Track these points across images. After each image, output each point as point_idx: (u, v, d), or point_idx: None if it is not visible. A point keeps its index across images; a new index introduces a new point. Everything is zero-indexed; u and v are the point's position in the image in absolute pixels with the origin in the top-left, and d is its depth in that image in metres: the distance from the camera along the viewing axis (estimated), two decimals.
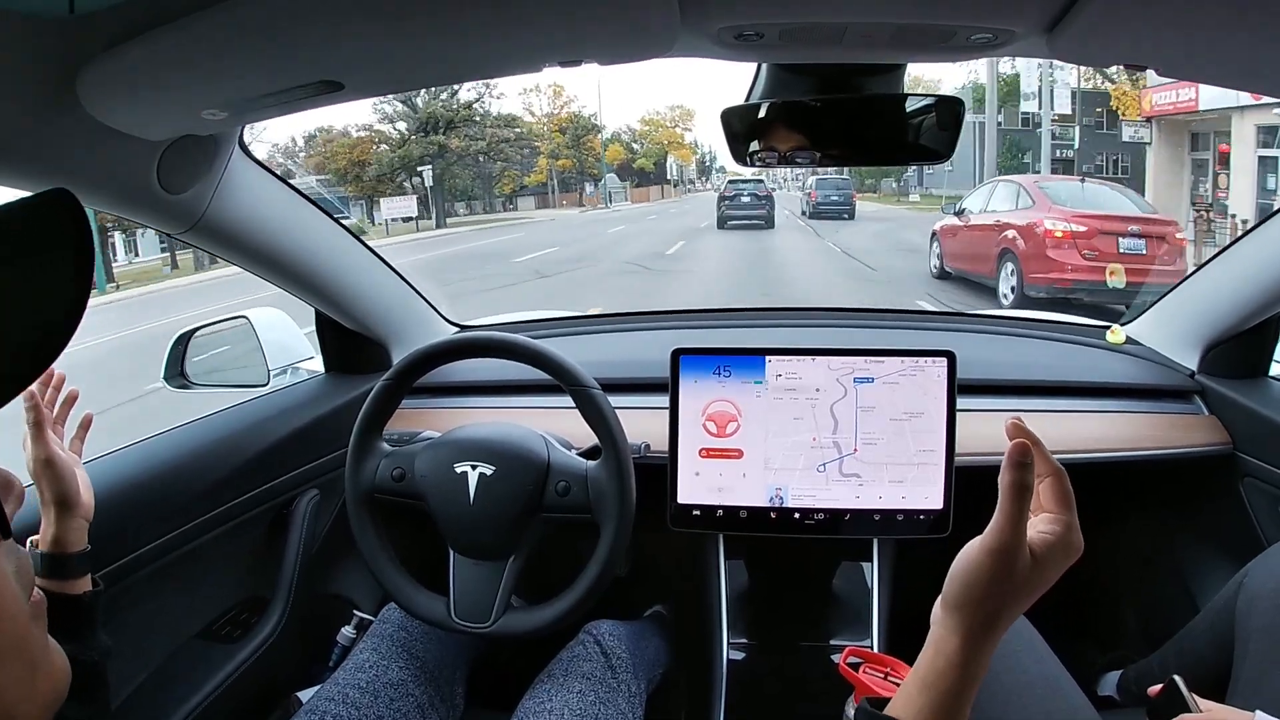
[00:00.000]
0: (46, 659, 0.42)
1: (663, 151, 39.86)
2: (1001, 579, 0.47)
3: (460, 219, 27.19)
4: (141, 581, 0.94)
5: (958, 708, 0.46)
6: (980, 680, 0.47)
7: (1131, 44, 0.65)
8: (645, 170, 38.71)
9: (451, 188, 27.88)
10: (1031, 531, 0.48)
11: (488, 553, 0.98)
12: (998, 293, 7.07)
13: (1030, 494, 0.48)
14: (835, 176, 19.44)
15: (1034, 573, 0.47)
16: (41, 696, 0.41)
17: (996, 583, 0.47)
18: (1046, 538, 0.48)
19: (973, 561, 0.48)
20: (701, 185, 59.44)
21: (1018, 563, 0.46)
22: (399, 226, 22.18)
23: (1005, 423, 0.51)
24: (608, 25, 0.62)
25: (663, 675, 1.20)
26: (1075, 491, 0.49)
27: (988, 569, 0.47)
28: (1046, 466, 0.50)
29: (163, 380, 1.30)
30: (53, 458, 0.73)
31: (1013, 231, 6.94)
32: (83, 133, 0.68)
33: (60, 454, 0.75)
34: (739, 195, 17.09)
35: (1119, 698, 1.19)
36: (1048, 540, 0.47)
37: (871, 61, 0.78)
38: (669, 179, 40.93)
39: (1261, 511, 1.17)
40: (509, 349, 1.00)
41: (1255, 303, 1.16)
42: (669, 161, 40.74)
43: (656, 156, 38.80)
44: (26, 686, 0.40)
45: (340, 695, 0.93)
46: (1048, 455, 0.50)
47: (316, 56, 0.62)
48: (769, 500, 1.01)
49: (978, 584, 0.47)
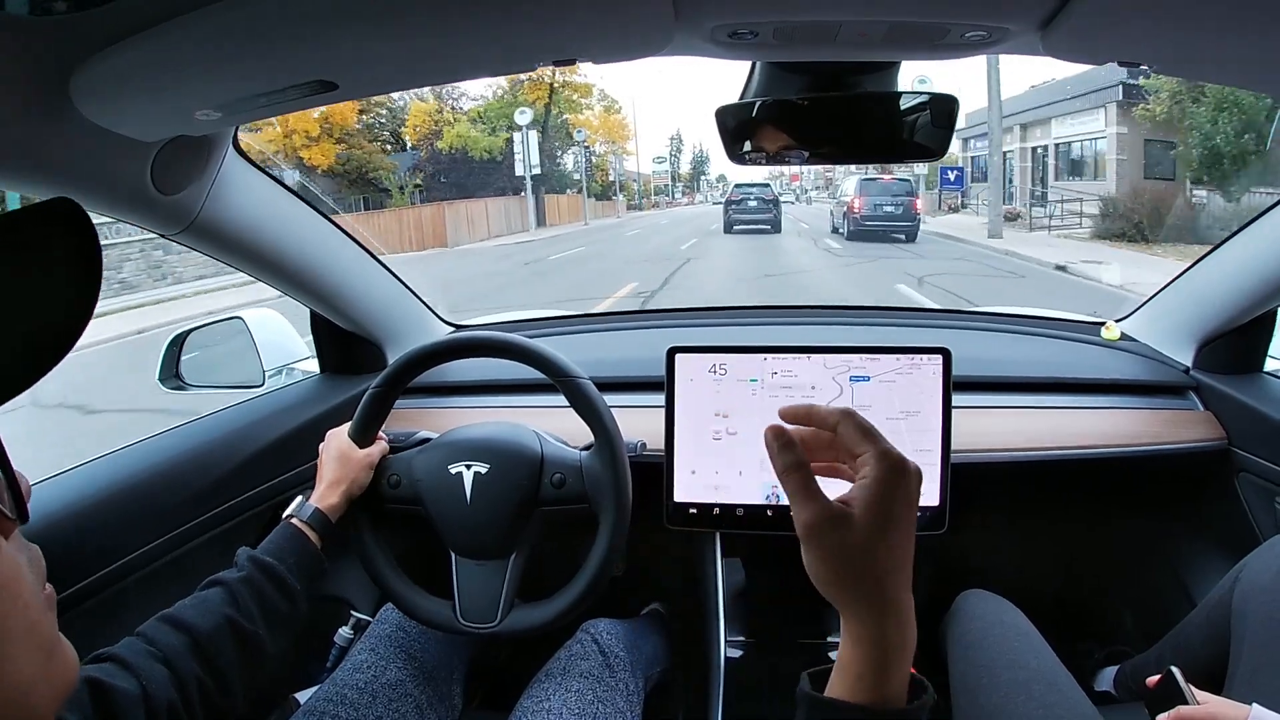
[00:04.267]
0: (60, 648, 0.43)
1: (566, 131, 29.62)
2: (828, 554, 0.45)
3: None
4: (138, 583, 0.93)
5: (877, 683, 0.44)
6: (905, 651, 0.45)
7: (1125, 41, 0.65)
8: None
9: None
10: (854, 486, 0.47)
11: (489, 552, 0.98)
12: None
13: (803, 468, 0.47)
14: (884, 178, 14.60)
15: (866, 523, 0.44)
16: (56, 680, 0.42)
17: (828, 560, 0.45)
18: (863, 483, 0.46)
19: (805, 559, 0.46)
20: (682, 198, 51.72)
21: (829, 533, 0.45)
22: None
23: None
24: (602, 24, 0.62)
25: (660, 674, 1.21)
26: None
27: (810, 555, 0.45)
28: (831, 417, 0.48)
29: (157, 382, 1.30)
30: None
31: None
32: (76, 134, 0.68)
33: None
34: (746, 200, 17.56)
35: (1116, 693, 1.19)
36: (864, 485, 0.45)
37: (866, 60, 0.78)
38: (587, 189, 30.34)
39: (1257, 506, 1.18)
40: (496, 347, 1.00)
41: (1249, 298, 1.16)
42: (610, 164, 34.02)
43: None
44: (42, 669, 0.41)
45: (338, 696, 0.93)
46: (824, 410, 0.49)
47: (310, 57, 0.62)
48: (765, 498, 1.01)
49: (816, 571, 0.46)
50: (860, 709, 0.44)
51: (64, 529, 0.85)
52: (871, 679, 0.44)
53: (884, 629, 0.45)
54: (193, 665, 0.71)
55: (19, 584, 0.41)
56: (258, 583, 0.81)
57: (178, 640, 0.71)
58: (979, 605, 1.08)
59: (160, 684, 0.67)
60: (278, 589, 0.82)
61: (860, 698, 0.44)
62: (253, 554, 0.84)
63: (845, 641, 0.46)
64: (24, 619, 0.40)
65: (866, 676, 0.44)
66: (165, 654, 0.69)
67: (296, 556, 0.86)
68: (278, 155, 19.84)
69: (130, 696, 0.63)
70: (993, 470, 1.19)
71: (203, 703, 0.70)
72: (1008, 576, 1.28)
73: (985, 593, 1.12)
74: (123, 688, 0.63)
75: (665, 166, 52.18)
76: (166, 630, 0.72)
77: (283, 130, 20.46)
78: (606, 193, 35.20)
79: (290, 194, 1.06)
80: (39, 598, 0.43)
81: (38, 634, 0.41)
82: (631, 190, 42.48)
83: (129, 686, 0.64)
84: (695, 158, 59.31)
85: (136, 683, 0.65)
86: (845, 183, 16.71)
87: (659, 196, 49.15)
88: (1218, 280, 1.22)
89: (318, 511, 0.92)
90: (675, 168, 56.14)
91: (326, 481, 0.95)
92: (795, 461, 0.47)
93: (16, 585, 0.40)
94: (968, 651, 1.00)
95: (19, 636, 0.40)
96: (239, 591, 0.79)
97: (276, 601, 0.82)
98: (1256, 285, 1.14)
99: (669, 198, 50.70)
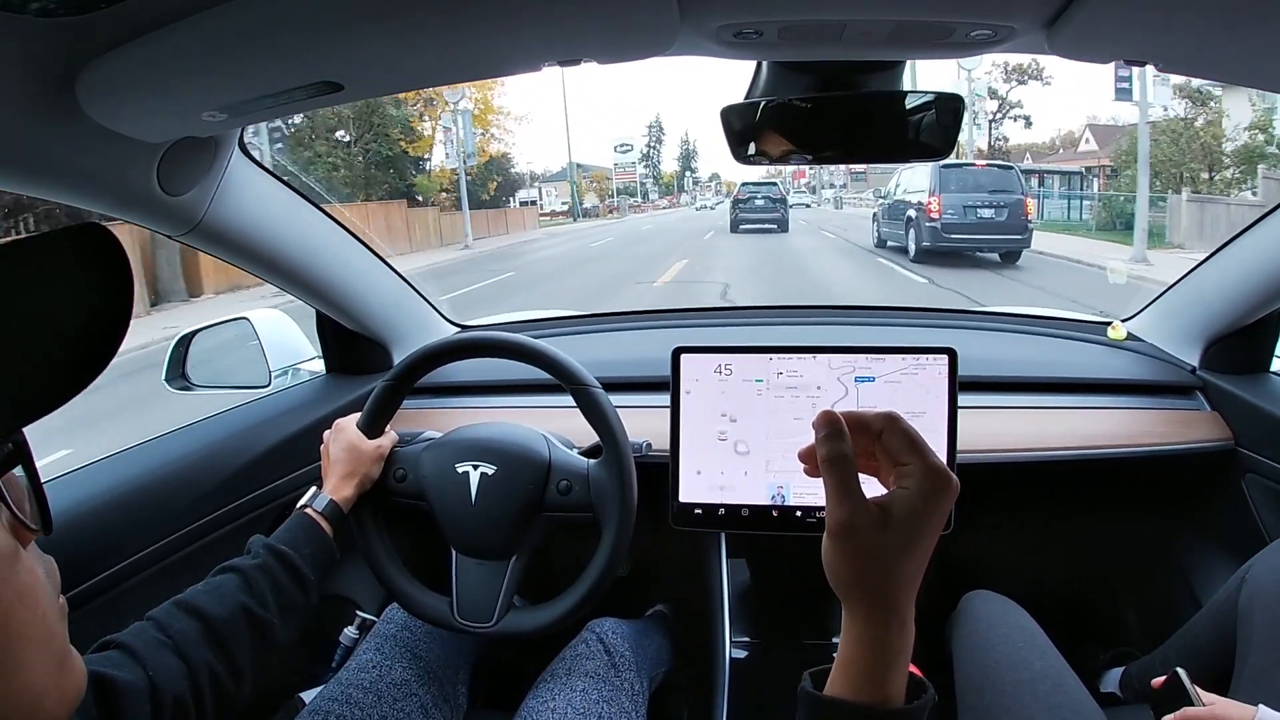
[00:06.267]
0: (70, 659, 0.44)
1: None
2: (856, 554, 0.45)
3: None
4: (145, 583, 0.94)
5: (879, 683, 0.44)
6: (905, 652, 0.45)
7: (1131, 40, 0.65)
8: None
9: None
10: (892, 489, 0.46)
11: (490, 553, 0.98)
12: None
13: (848, 463, 0.46)
14: (977, 164, 10.12)
15: (900, 530, 0.44)
16: (66, 690, 0.43)
17: (853, 559, 0.45)
18: (905, 492, 0.45)
19: (825, 550, 0.46)
20: (662, 200, 39.97)
21: (863, 533, 0.44)
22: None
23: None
24: (607, 24, 0.62)
25: (665, 674, 1.21)
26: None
27: (835, 551, 0.45)
28: (876, 422, 0.48)
29: (164, 382, 1.30)
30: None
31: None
32: (82, 136, 0.68)
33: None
34: (753, 198, 17.42)
35: (1122, 694, 1.19)
36: (907, 494, 0.45)
37: (871, 59, 0.78)
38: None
39: (1263, 507, 1.17)
40: (509, 348, 1.00)
41: (1256, 298, 1.16)
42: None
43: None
44: (54, 677, 0.42)
45: (343, 695, 0.93)
46: (870, 415, 0.48)
47: (316, 58, 0.62)
48: (770, 499, 1.01)
49: (837, 569, 0.45)
50: (861, 708, 0.44)
51: (71, 528, 0.86)
52: (873, 678, 0.45)
53: (888, 632, 0.45)
54: (205, 652, 0.70)
55: (39, 592, 0.41)
56: (273, 570, 0.81)
57: (191, 626, 0.71)
58: (984, 606, 1.08)
59: (169, 675, 0.66)
60: (292, 578, 0.82)
61: (861, 697, 0.45)
62: (268, 542, 0.84)
63: (847, 641, 0.46)
64: (42, 628, 0.41)
65: (868, 676, 0.45)
66: (176, 641, 0.69)
67: (311, 546, 0.87)
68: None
69: (136, 690, 0.63)
70: (998, 471, 1.18)
71: (213, 692, 0.70)
72: (1013, 577, 1.28)
73: (990, 594, 1.12)
74: (128, 680, 0.62)
75: (631, 157, 41.64)
76: (179, 615, 0.72)
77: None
78: (500, 197, 23.98)
79: (296, 195, 1.07)
80: (55, 608, 0.43)
81: (53, 643, 0.42)
82: (591, 189, 31.45)
83: (134, 679, 0.63)
84: (683, 151, 51.19)
85: (143, 674, 0.64)
86: (904, 174, 10.68)
87: (624, 199, 38.15)
88: (1224, 280, 1.21)
89: (332, 503, 0.92)
90: (656, 162, 47.65)
91: (339, 474, 0.96)
92: (841, 454, 0.46)
93: (36, 594, 0.41)
94: (973, 652, 1.00)
95: (36, 644, 0.40)
96: (254, 578, 0.79)
97: (290, 590, 0.81)
98: (1263, 284, 1.13)
99: (636, 200, 39.29)
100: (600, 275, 11.19)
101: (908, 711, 0.45)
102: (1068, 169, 21.42)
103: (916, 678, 0.47)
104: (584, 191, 36.23)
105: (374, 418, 1.01)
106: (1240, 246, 1.17)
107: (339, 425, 1.00)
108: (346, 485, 0.95)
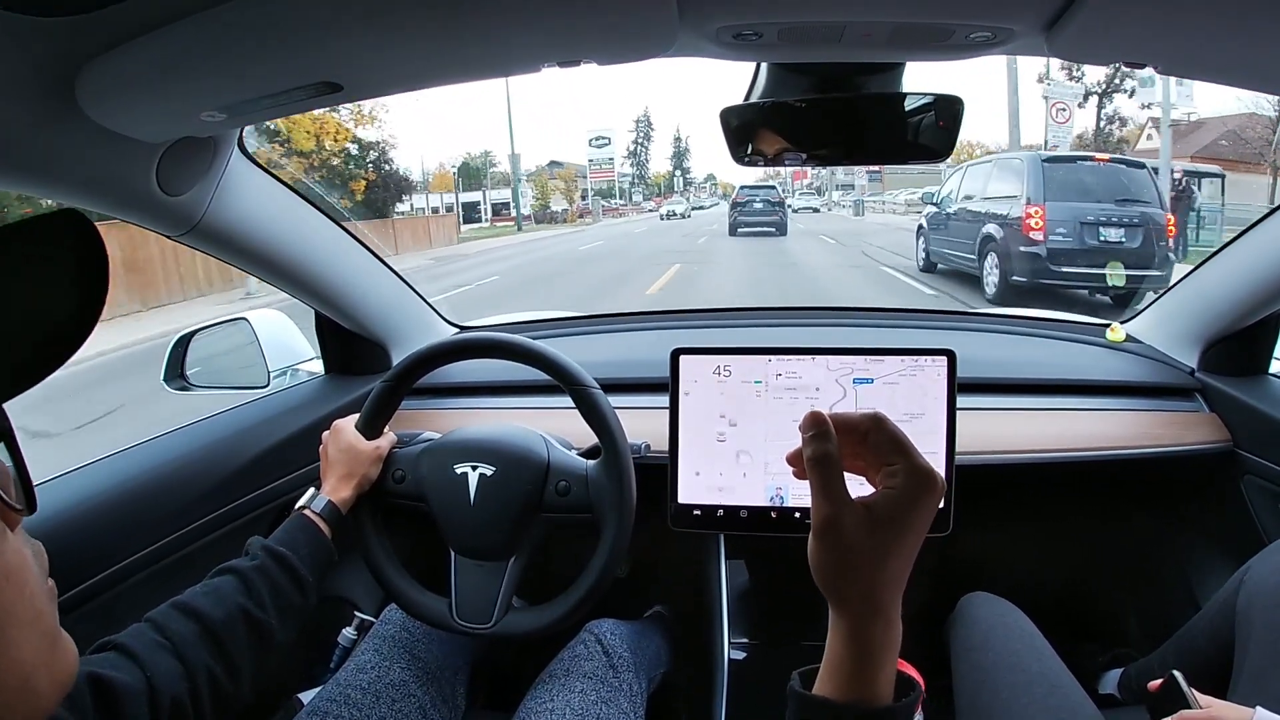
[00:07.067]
0: (61, 639, 0.45)
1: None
2: (840, 554, 0.45)
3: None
4: (142, 583, 0.94)
5: (866, 681, 0.44)
6: (892, 650, 0.45)
7: (1131, 42, 0.65)
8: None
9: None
10: (878, 489, 0.46)
11: (488, 553, 0.98)
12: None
13: (832, 463, 0.46)
14: (1098, 158, 6.81)
15: (885, 530, 0.44)
16: (57, 669, 0.43)
17: (838, 559, 0.45)
18: (890, 492, 0.45)
19: (811, 549, 0.46)
20: (647, 203, 34.19)
21: (848, 533, 0.44)
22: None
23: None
24: (606, 25, 0.62)
25: (664, 675, 1.21)
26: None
27: (820, 552, 0.45)
28: (863, 423, 0.48)
29: (162, 383, 1.30)
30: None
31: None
32: (81, 135, 0.68)
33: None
34: (751, 201, 17.23)
35: (1120, 696, 1.19)
36: (891, 495, 0.45)
37: (870, 60, 0.78)
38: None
39: (1262, 509, 1.17)
40: (508, 349, 1.00)
41: (1255, 300, 1.16)
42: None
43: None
44: (45, 656, 0.42)
45: (342, 696, 0.93)
46: (856, 416, 0.48)
47: (316, 58, 0.62)
48: (769, 500, 1.01)
49: (822, 569, 0.45)
50: (849, 706, 0.44)
51: (70, 528, 0.86)
52: (860, 677, 0.45)
53: (874, 630, 0.45)
54: (203, 654, 0.70)
55: (26, 571, 0.42)
56: (271, 572, 0.81)
57: (189, 628, 0.71)
58: (982, 608, 1.08)
59: (167, 676, 0.66)
60: (290, 579, 0.82)
61: (849, 695, 0.45)
62: (266, 543, 0.84)
63: (833, 640, 0.46)
64: (30, 606, 0.41)
65: (855, 674, 0.45)
66: (174, 642, 0.69)
67: (309, 548, 0.87)
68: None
69: (134, 691, 0.62)
70: (997, 472, 1.19)
71: (211, 693, 0.69)
72: (1011, 579, 1.28)
73: (989, 595, 1.12)
74: (126, 681, 0.62)
75: (609, 152, 37.87)
76: (177, 617, 0.72)
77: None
78: (386, 204, 18.59)
79: (295, 195, 1.07)
80: (44, 589, 0.44)
81: (42, 623, 0.43)
82: (557, 190, 25.94)
83: (133, 680, 0.63)
84: (676, 150, 48.19)
85: (141, 675, 0.64)
86: (969, 174, 8.04)
87: (600, 200, 33.15)
88: (1223, 282, 1.21)
89: (330, 504, 0.92)
90: (643, 160, 44.69)
91: (338, 474, 0.96)
92: (826, 454, 0.46)
93: (23, 573, 0.42)
94: (971, 654, 1.00)
95: (24, 623, 0.41)
96: (252, 580, 0.78)
97: (289, 592, 0.81)
98: (1262, 287, 1.13)
99: (612, 203, 33.71)
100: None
101: (894, 710, 0.45)
102: (1205, 169, 13.70)
103: (906, 676, 0.47)
104: (550, 193, 32.13)
105: (372, 418, 1.01)
106: (1239, 249, 1.17)
107: (337, 426, 1.00)
108: (345, 486, 0.95)
